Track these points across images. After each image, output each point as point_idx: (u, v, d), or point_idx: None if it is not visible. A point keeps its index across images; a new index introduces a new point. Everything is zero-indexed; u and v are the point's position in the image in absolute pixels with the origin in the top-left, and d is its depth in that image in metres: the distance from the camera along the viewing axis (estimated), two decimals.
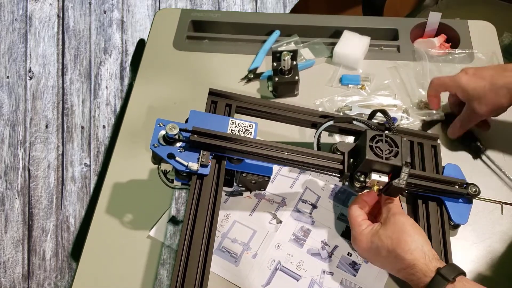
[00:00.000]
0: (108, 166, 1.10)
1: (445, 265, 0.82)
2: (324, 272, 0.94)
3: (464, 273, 0.82)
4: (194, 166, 0.85)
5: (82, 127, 1.80)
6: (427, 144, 1.04)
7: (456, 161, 1.03)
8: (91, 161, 1.80)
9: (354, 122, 0.97)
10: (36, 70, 1.78)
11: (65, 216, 1.76)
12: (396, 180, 0.86)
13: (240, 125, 0.94)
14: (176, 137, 0.86)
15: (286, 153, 0.89)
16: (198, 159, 0.86)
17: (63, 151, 1.78)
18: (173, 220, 1.00)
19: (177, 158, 0.85)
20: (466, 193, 0.94)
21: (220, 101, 1.00)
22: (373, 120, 1.00)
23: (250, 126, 0.95)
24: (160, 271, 0.95)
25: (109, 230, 1.01)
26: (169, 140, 0.86)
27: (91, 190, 1.79)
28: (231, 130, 0.93)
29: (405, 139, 0.90)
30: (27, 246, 1.75)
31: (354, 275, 0.93)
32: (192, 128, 0.86)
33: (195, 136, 0.86)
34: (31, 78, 1.78)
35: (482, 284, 0.80)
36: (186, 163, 0.85)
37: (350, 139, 1.04)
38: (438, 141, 1.06)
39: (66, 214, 1.76)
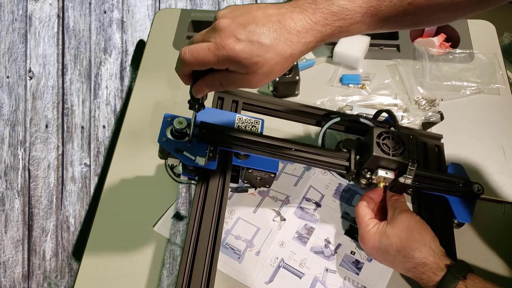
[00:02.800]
0: (110, 165, 1.10)
1: (455, 263, 0.83)
2: (327, 270, 0.94)
3: (472, 270, 0.82)
4: (201, 160, 0.85)
5: (82, 127, 1.79)
6: (431, 143, 1.05)
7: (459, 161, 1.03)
8: (91, 161, 1.79)
9: (361, 120, 0.97)
10: (36, 70, 1.78)
11: (65, 216, 1.75)
12: (403, 177, 0.87)
13: (247, 121, 0.94)
14: (184, 131, 0.86)
15: (293, 149, 0.89)
16: (206, 153, 0.86)
17: (63, 151, 1.78)
18: (177, 215, 1.00)
19: (184, 153, 0.85)
20: (470, 191, 0.94)
21: (227, 97, 1.01)
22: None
23: (257, 122, 0.95)
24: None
25: (112, 228, 1.01)
26: (176, 134, 0.86)
27: (91, 190, 1.79)
28: (238, 126, 0.93)
29: (411, 136, 0.90)
30: (27, 246, 1.74)
31: (357, 274, 0.93)
32: (200, 123, 0.86)
33: (203, 130, 0.86)
34: (31, 78, 1.77)
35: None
36: (193, 158, 0.85)
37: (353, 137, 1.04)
38: (442, 140, 1.06)
39: (66, 214, 1.75)
